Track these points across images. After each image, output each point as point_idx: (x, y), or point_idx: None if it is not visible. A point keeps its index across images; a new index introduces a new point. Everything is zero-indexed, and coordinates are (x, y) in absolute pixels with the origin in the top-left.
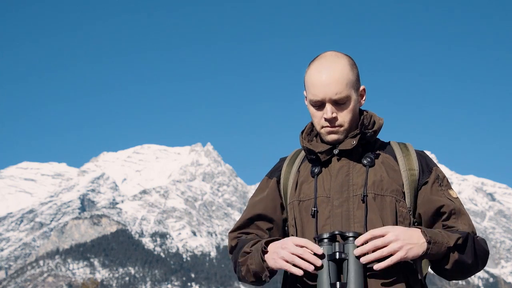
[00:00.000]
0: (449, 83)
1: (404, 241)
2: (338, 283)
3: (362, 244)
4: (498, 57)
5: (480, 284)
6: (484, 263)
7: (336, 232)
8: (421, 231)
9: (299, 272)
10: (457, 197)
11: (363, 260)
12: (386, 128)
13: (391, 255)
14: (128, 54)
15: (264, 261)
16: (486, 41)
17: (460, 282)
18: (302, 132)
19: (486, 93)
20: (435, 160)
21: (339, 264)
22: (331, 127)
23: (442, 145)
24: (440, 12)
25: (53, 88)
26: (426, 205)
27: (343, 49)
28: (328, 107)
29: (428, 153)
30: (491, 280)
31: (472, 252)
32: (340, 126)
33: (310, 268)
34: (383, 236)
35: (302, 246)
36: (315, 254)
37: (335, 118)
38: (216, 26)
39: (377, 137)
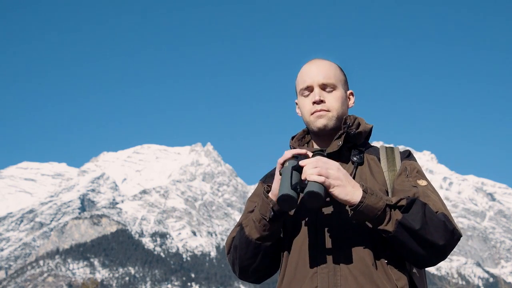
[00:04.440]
0: (450, 83)
1: (343, 179)
2: (298, 183)
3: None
4: (498, 57)
5: (480, 284)
6: (442, 237)
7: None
8: (360, 183)
9: (289, 154)
10: (426, 185)
11: (302, 163)
12: (387, 128)
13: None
14: (128, 54)
15: (267, 197)
16: (487, 41)
17: (460, 281)
18: (293, 138)
19: (486, 93)
20: (435, 160)
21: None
22: (319, 110)
23: (442, 145)
24: (441, 11)
25: (53, 88)
26: (392, 195)
27: (352, 51)
28: (316, 90)
29: (428, 153)
30: (491, 280)
31: (420, 217)
32: (328, 110)
33: (298, 151)
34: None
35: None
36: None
37: (323, 101)
38: (216, 26)
39: (368, 142)
